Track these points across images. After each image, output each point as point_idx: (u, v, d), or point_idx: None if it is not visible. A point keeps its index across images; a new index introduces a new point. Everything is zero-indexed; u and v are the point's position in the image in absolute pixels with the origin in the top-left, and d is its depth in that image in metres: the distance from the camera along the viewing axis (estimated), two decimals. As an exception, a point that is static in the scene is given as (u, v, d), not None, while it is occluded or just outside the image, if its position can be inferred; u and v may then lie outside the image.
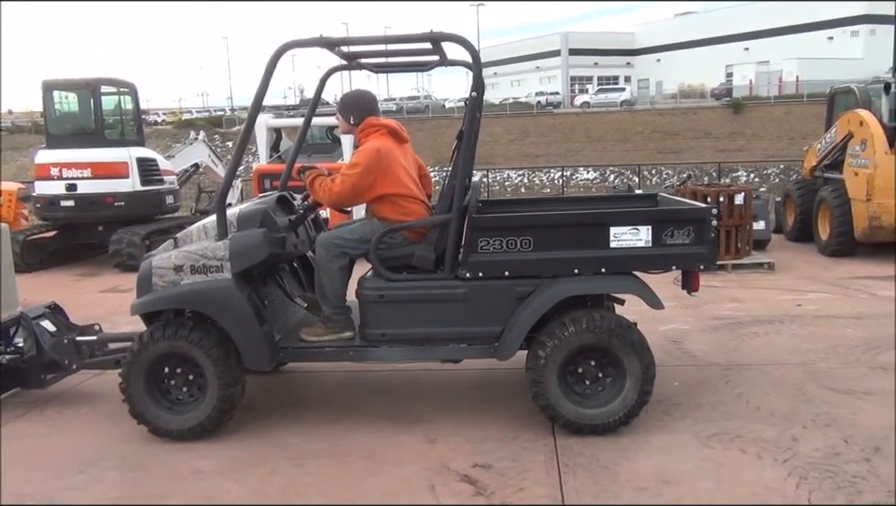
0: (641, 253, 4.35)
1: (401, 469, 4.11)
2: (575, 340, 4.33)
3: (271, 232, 4.53)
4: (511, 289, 4.41)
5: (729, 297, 8.11)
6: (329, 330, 4.63)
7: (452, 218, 4.43)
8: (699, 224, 4.35)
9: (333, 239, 4.63)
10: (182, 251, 4.57)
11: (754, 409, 4.80)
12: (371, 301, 4.50)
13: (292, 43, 4.49)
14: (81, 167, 11.00)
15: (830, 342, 6.24)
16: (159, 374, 4.54)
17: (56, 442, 4.66)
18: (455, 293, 4.43)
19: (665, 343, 6.36)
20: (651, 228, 4.33)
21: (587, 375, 4.44)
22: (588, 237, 4.36)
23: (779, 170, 29.75)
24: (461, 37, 4.44)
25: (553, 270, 4.39)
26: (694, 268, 4.51)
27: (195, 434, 4.51)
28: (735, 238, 9.67)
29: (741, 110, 44.62)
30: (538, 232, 4.37)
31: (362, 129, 4.72)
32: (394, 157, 4.62)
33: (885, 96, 10.24)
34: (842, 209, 10.04)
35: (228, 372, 4.46)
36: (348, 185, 4.51)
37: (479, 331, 4.47)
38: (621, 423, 4.40)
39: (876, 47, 55.38)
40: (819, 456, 4.09)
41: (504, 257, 4.38)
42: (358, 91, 4.90)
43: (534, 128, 45.78)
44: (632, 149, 40.66)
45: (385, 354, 4.58)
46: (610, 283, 4.48)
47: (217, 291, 4.43)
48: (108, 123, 11.56)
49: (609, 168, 33.07)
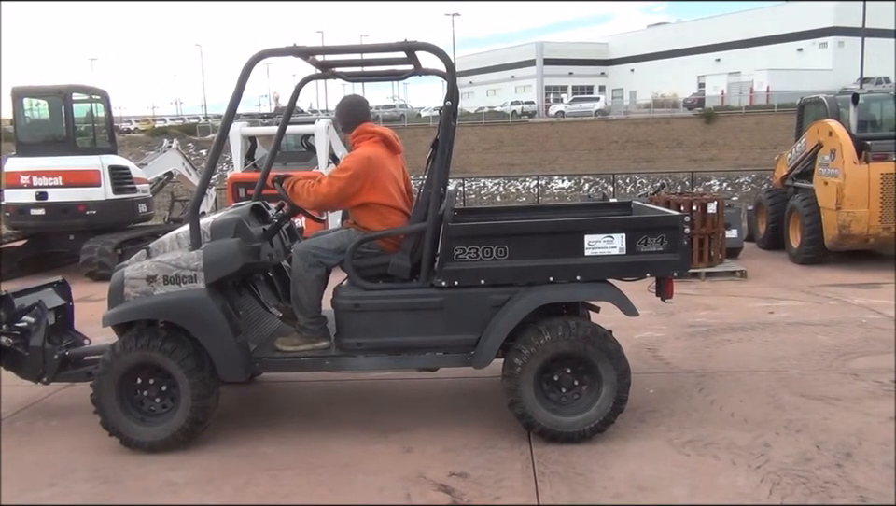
0: (616, 261, 4.38)
1: (378, 478, 4.09)
2: (551, 348, 4.34)
3: (245, 242, 4.51)
4: (487, 298, 4.41)
5: (703, 304, 8.19)
6: (304, 339, 4.60)
7: (427, 227, 4.43)
8: (672, 232, 4.39)
9: (310, 249, 4.61)
10: (155, 261, 4.53)
11: (728, 415, 4.85)
12: (346, 310, 4.49)
13: (266, 52, 4.48)
14: (52, 175, 10.86)
15: (801, 348, 6.32)
16: (131, 385, 4.49)
17: (26, 454, 4.57)
18: (430, 302, 4.43)
19: (640, 350, 6.41)
20: (625, 236, 4.36)
21: (563, 383, 4.46)
22: (563, 245, 4.39)
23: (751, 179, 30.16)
24: (435, 47, 4.46)
25: (529, 278, 4.40)
26: (668, 275, 4.55)
27: (167, 446, 4.46)
28: (709, 246, 9.77)
29: (713, 120, 45.15)
30: (513, 241, 4.38)
31: (356, 134, 4.72)
32: (384, 166, 4.62)
33: (853, 107, 10.43)
34: (812, 218, 10.19)
35: (201, 383, 4.41)
36: (335, 188, 4.50)
37: (455, 340, 4.46)
38: (596, 431, 4.42)
39: (844, 58, 56.52)
40: (791, 461, 4.13)
41: (480, 265, 4.38)
42: (352, 97, 4.90)
43: (509, 137, 45.97)
44: (606, 158, 40.99)
45: (361, 363, 4.56)
46: (585, 291, 4.50)
47: (191, 302, 4.39)
48: (80, 131, 11.43)
49: (584, 177, 33.27)
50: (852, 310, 7.70)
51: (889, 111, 10.96)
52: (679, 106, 57.61)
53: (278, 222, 4.94)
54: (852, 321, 7.19)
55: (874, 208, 9.48)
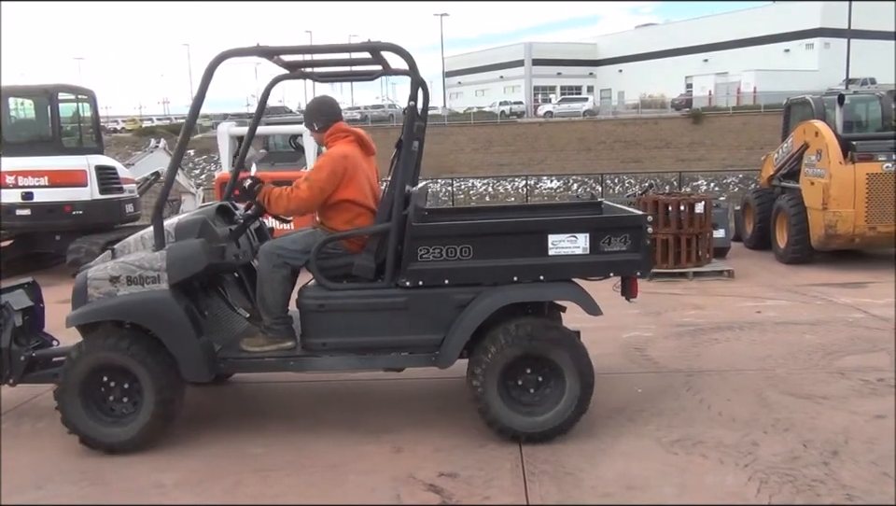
0: (579, 260, 4.40)
1: (367, 478, 4.09)
2: (514, 348, 4.35)
3: (209, 242, 4.50)
4: (452, 298, 4.42)
5: (690, 304, 8.23)
6: (269, 340, 4.60)
7: (391, 227, 4.41)
8: (635, 231, 4.41)
9: (275, 249, 4.60)
10: (118, 262, 4.53)
11: (716, 415, 4.88)
12: (311, 310, 4.48)
13: (229, 52, 4.47)
14: (38, 175, 10.78)
15: (788, 348, 6.36)
16: (95, 386, 4.47)
17: (13, 456, 4.54)
18: (395, 302, 4.43)
19: (628, 350, 6.43)
20: (589, 235, 4.38)
21: (527, 383, 4.46)
22: (527, 245, 4.40)
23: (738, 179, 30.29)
24: (398, 46, 4.47)
25: (493, 278, 4.41)
26: (631, 275, 4.56)
27: (130, 447, 4.44)
28: (696, 246, 9.81)
29: (701, 120, 45.32)
30: (477, 241, 4.39)
31: (330, 133, 4.71)
32: (359, 165, 4.63)
33: (839, 108, 10.51)
34: (799, 218, 10.26)
35: (164, 384, 4.39)
36: (316, 189, 4.49)
37: (420, 340, 4.47)
38: (561, 431, 4.43)
39: (831, 59, 56.87)
40: (778, 460, 4.16)
41: (444, 265, 4.39)
42: (323, 98, 4.90)
43: (498, 137, 45.98)
44: (594, 158, 41.04)
45: (326, 363, 4.56)
46: (549, 290, 4.51)
47: (154, 302, 4.39)
48: (66, 131, 11.36)
49: (573, 177, 33.33)
50: (838, 309, 7.75)
51: (874, 112, 11.06)
52: (667, 107, 57.81)
53: (244, 222, 4.92)
54: (838, 320, 7.25)
55: (859, 208, 9.55)
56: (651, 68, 73.73)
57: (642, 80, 71.21)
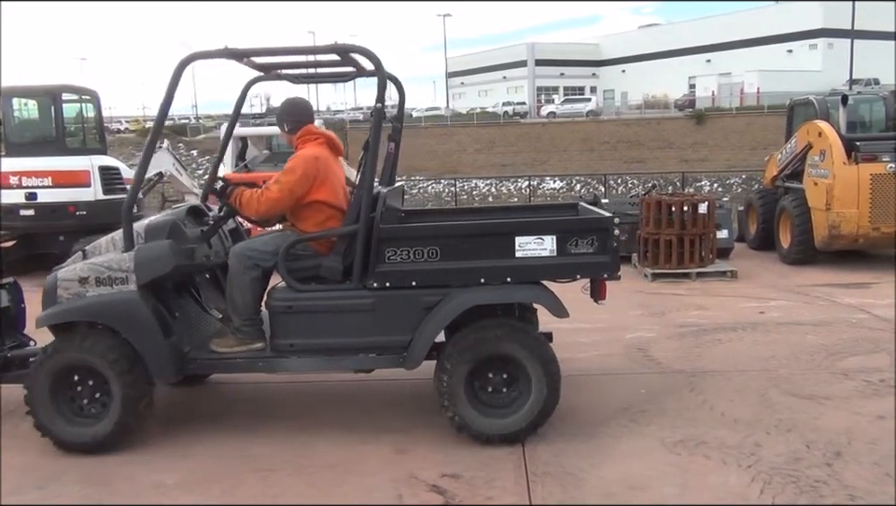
0: (546, 262, 4.40)
1: (369, 479, 4.08)
2: (479, 350, 4.36)
3: (178, 244, 4.52)
4: (419, 299, 4.41)
5: (693, 305, 8.21)
6: (239, 341, 4.60)
7: (359, 229, 4.40)
8: (602, 234, 4.39)
9: (245, 250, 4.61)
10: (88, 263, 4.56)
11: (718, 415, 4.86)
12: (279, 311, 4.48)
13: (196, 54, 4.50)
14: (42, 176, 10.78)
15: (791, 348, 6.34)
16: (64, 387, 4.48)
17: (14, 457, 4.53)
18: (362, 303, 4.43)
19: (631, 350, 6.42)
20: (556, 238, 4.37)
21: (494, 384, 4.47)
22: (494, 247, 4.40)
23: (741, 180, 30.28)
24: (363, 48, 4.49)
25: (460, 280, 4.41)
26: (598, 277, 4.55)
27: (99, 448, 4.45)
28: (699, 247, 9.79)
29: (704, 121, 45.30)
30: (444, 243, 4.40)
31: (300, 136, 4.74)
32: (330, 166, 4.66)
33: (842, 108, 10.48)
34: (802, 218, 10.23)
35: (131, 384, 4.40)
36: (286, 191, 4.51)
37: (388, 341, 4.47)
38: (528, 432, 4.42)
39: (834, 59, 56.78)
40: (781, 460, 4.15)
41: (411, 267, 4.39)
42: (296, 100, 4.92)
43: (501, 138, 45.99)
44: (598, 159, 41.06)
45: (295, 365, 4.56)
46: (515, 292, 4.50)
47: (121, 303, 4.42)
48: (70, 131, 11.36)
49: (576, 177, 33.33)
50: (842, 310, 7.73)
51: (878, 112, 11.04)
52: (670, 107, 57.75)
53: (214, 224, 4.92)
54: (842, 321, 7.22)
55: (863, 209, 9.52)
56: (654, 68, 73.64)
57: (645, 81, 71.13)
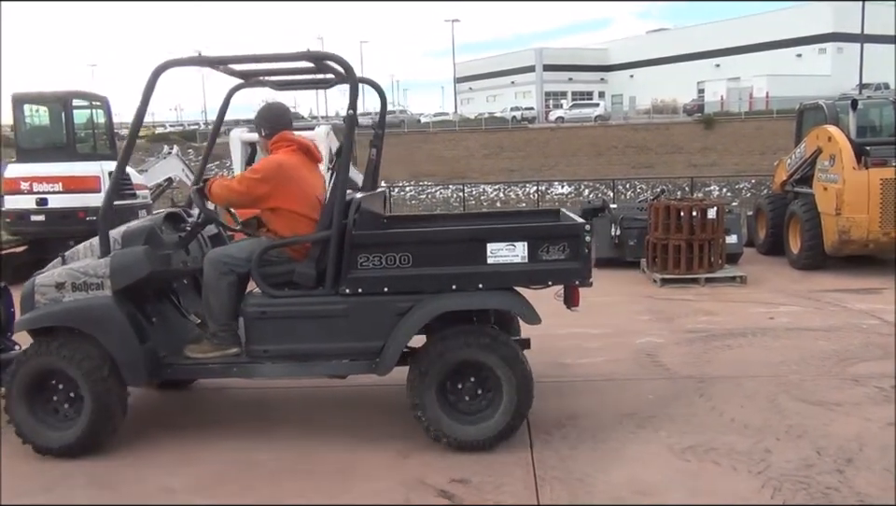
0: (518, 269, 4.39)
1: (377, 484, 4.08)
2: (449, 357, 4.37)
3: (154, 250, 4.56)
4: (392, 305, 4.42)
5: (702, 310, 8.18)
6: (214, 346, 4.62)
7: (331, 235, 4.40)
8: (573, 240, 4.39)
9: (221, 257, 4.64)
10: (65, 269, 4.61)
11: (728, 421, 4.84)
12: (253, 317, 4.50)
13: (170, 62, 4.55)
14: (52, 181, 10.86)
15: (801, 354, 6.30)
16: (40, 391, 4.52)
17: (21, 459, 4.54)
18: (335, 309, 4.43)
19: (640, 356, 6.40)
20: (527, 244, 4.37)
21: (466, 391, 4.47)
22: (466, 253, 4.40)
23: (751, 184, 30.12)
24: (335, 55, 4.50)
25: (432, 286, 4.41)
26: (569, 283, 4.54)
27: (74, 451, 4.47)
28: (708, 252, 9.75)
29: (713, 126, 45.16)
30: (416, 249, 4.41)
31: (274, 141, 4.78)
32: (298, 173, 4.66)
33: (852, 112, 10.44)
34: (812, 223, 10.18)
35: (103, 389, 4.42)
36: (244, 186, 4.58)
37: (360, 347, 4.47)
38: (502, 438, 4.41)
39: (844, 64, 56.56)
40: (791, 467, 4.12)
41: (383, 273, 4.39)
42: (275, 105, 4.97)
43: (509, 143, 45.97)
44: (606, 164, 40.91)
45: (269, 370, 4.57)
46: (486, 298, 4.49)
47: (95, 309, 4.46)
48: (80, 137, 11.45)
49: (584, 182, 33.26)
50: (852, 315, 7.68)
51: (888, 117, 10.98)
52: (679, 112, 57.67)
53: (192, 230, 4.95)
54: (852, 327, 7.18)
55: (873, 214, 9.47)
56: (662, 73, 73.60)
57: (654, 86, 71.08)
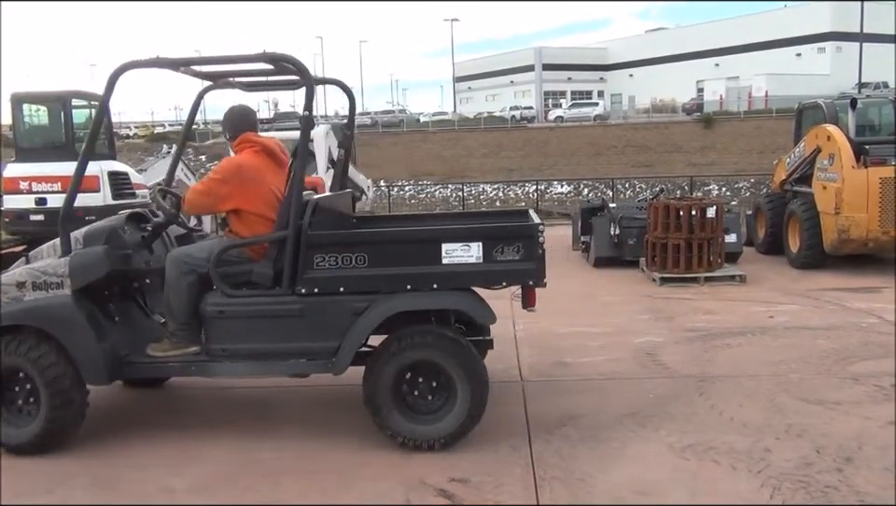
0: (472, 269, 4.41)
1: (377, 484, 4.08)
2: (403, 356, 4.40)
3: (115, 249, 4.61)
4: (347, 305, 4.44)
5: (702, 309, 8.18)
6: (174, 345, 4.66)
7: (288, 235, 4.41)
8: (528, 241, 4.40)
9: (181, 256, 4.68)
10: (27, 268, 4.67)
11: (727, 420, 4.84)
12: (212, 316, 4.53)
13: (129, 64, 4.59)
14: (51, 181, 10.86)
15: (801, 353, 6.31)
16: (5, 389, 4.57)
17: (24, 459, 4.54)
18: (291, 309, 4.46)
19: (639, 355, 6.40)
20: (482, 244, 4.38)
21: (421, 391, 4.50)
22: (421, 254, 4.42)
23: (750, 184, 30.13)
24: (290, 57, 4.52)
25: (387, 286, 4.43)
26: (523, 284, 4.55)
27: (32, 449, 4.52)
28: (708, 251, 9.76)
29: (712, 125, 45.14)
30: (371, 249, 4.43)
31: (238, 143, 4.84)
32: (259, 175, 4.67)
33: (851, 112, 10.45)
34: (811, 222, 10.19)
35: (60, 388, 4.46)
36: (205, 187, 4.72)
37: (317, 346, 4.49)
38: (454, 438, 4.43)
39: (843, 63, 56.54)
40: (791, 466, 4.13)
41: (339, 273, 4.41)
42: (239, 107, 4.99)
43: (508, 142, 45.94)
44: (605, 163, 40.88)
45: (228, 369, 4.61)
46: (438, 298, 4.49)
47: (54, 308, 4.51)
48: (79, 137, 11.44)
49: (583, 182, 33.27)
50: (851, 314, 7.69)
51: (887, 116, 11.00)
52: (678, 111, 57.64)
53: (153, 230, 4.98)
54: (851, 325, 7.19)
55: (872, 212, 9.48)
56: (661, 73, 73.57)
57: (653, 85, 71.07)
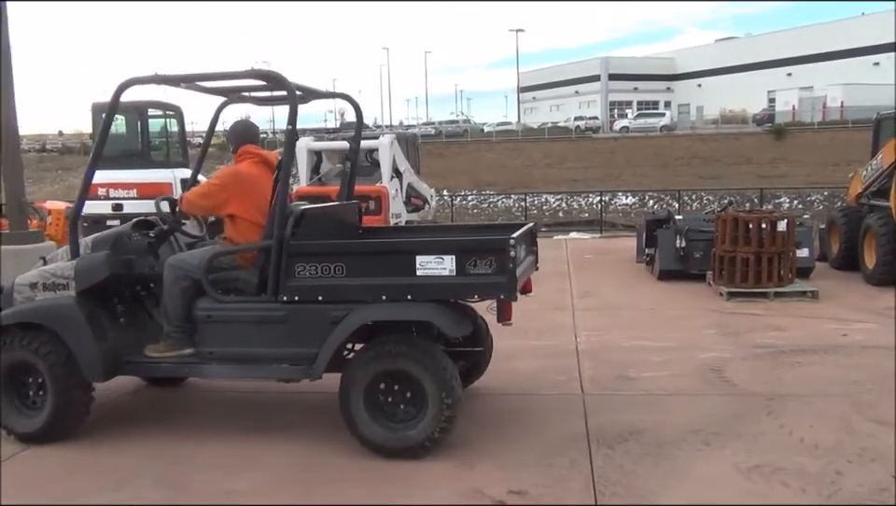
0: (445, 281, 4.45)
1: (435, 493, 4.09)
2: (376, 365, 4.49)
3: (118, 255, 4.91)
4: (327, 313, 4.55)
5: (771, 325, 7.96)
6: (169, 346, 4.86)
7: (273, 244, 4.57)
8: (499, 254, 4.40)
9: (177, 262, 4.90)
10: (40, 270, 5.03)
11: (797, 441, 4.69)
12: (201, 320, 4.74)
13: (131, 80, 4.85)
14: (127, 187, 11.29)
15: (876, 373, 6.07)
16: (16, 382, 4.89)
17: (93, 456, 4.72)
18: (274, 315, 4.62)
19: (705, 371, 6.26)
20: (455, 257, 4.41)
21: (395, 399, 4.56)
22: (396, 265, 4.51)
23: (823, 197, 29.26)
24: (273, 73, 4.88)
25: (363, 296, 4.52)
26: (495, 297, 4.54)
27: (40, 438, 4.83)
28: (778, 265, 9.49)
29: (784, 136, 44.05)
30: (349, 259, 4.55)
31: (239, 154, 5.13)
32: (255, 183, 4.93)
33: (933, 123, 10.04)
34: (889, 237, 9.81)
35: (64, 382, 4.75)
36: (203, 191, 5.06)
37: (298, 353, 4.63)
38: (429, 447, 4.47)
39: (924, 72, 54.36)
40: (864, 491, 3.97)
41: (318, 282, 4.54)
42: (242, 122, 5.38)
43: (572, 153, 45.67)
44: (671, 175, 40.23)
45: (214, 371, 4.87)
46: (408, 309, 4.53)
47: (59, 308, 4.84)
48: (154, 145, 11.88)
49: (649, 193, 32.82)
50: (931, 334, 7.37)
51: (971, 127, 10.52)
52: (748, 122, 56.38)
53: (158, 237, 5.20)
54: (931, 346, 6.88)
55: (954, 228, 9.08)
56: (731, 82, 72.10)
57: (722, 95, 69.69)
